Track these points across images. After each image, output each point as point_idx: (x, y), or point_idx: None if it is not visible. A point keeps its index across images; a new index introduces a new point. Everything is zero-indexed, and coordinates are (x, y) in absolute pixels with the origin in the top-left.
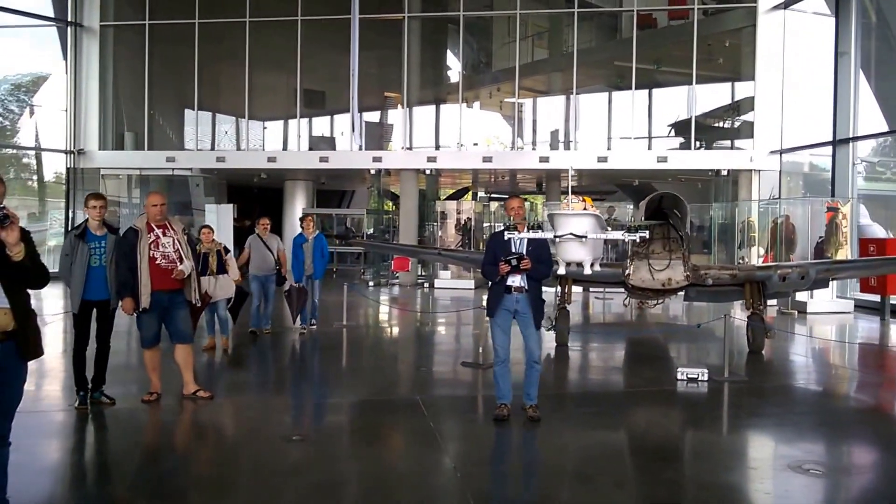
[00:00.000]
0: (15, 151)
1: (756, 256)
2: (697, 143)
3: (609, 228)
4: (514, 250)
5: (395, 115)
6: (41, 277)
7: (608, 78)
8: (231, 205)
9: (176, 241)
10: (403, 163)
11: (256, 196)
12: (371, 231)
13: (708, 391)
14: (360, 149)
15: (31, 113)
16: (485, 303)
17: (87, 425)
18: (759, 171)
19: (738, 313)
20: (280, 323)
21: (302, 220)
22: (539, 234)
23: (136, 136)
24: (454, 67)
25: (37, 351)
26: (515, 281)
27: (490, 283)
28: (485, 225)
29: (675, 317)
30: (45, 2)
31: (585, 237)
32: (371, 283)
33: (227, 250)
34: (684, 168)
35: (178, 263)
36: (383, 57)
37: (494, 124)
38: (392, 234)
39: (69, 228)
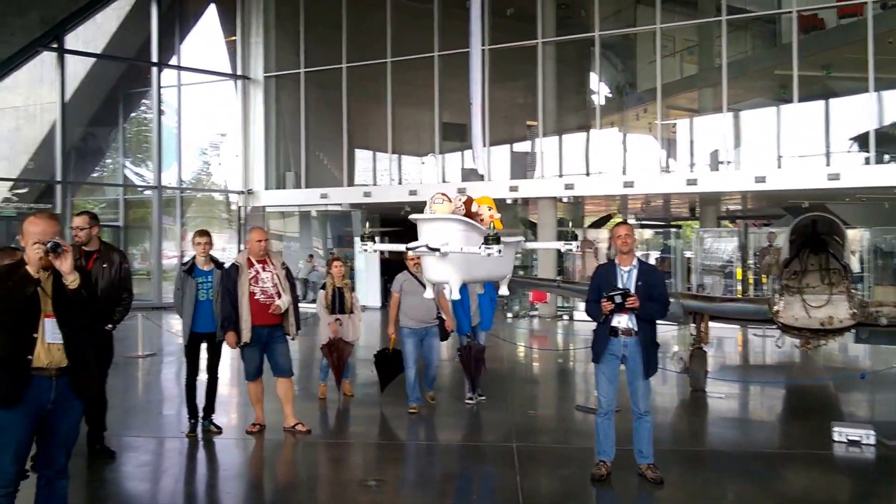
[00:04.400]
0: (209, 194)
1: None
2: (881, 157)
3: (523, 240)
4: (619, 285)
5: (533, 144)
6: (95, 312)
7: (770, 90)
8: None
9: (275, 276)
10: (540, 191)
11: (407, 228)
12: (516, 262)
13: (875, 458)
14: (484, 178)
15: (219, 159)
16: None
17: (193, 452)
18: None
19: None
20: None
21: None
22: (482, 249)
23: (296, 175)
24: (594, 90)
25: (91, 387)
26: (622, 322)
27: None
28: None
29: (844, 361)
30: (225, 59)
31: (439, 250)
32: (510, 315)
33: (351, 289)
34: (861, 186)
35: (276, 298)
36: (521, 85)
37: (639, 147)
38: (530, 264)
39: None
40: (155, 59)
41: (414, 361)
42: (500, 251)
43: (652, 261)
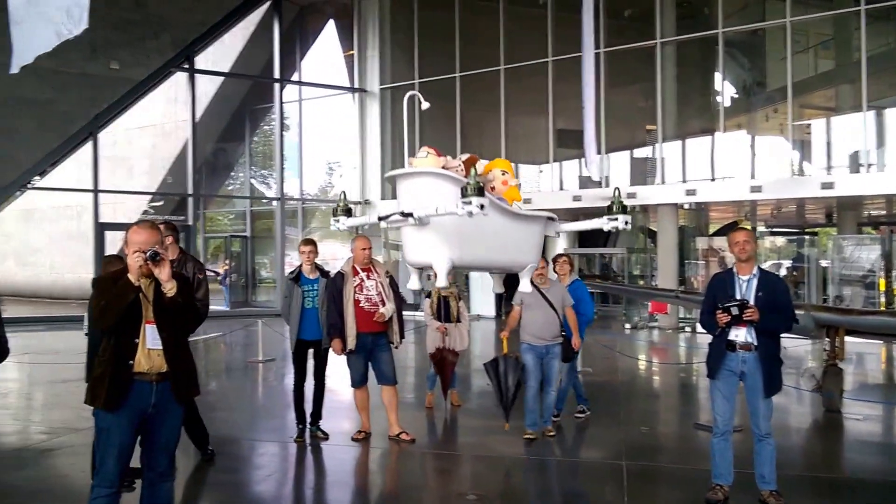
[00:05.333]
0: (330, 204)
1: None
2: None
3: (554, 218)
4: (737, 295)
5: (653, 148)
6: (196, 317)
7: None
8: None
9: (379, 284)
10: (659, 197)
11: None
12: (635, 271)
13: None
14: (600, 185)
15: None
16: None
17: (300, 457)
18: None
19: None
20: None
21: (554, 261)
22: (459, 207)
23: None
24: (718, 91)
25: (190, 392)
26: (739, 335)
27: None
28: (765, 266)
29: None
30: (343, 74)
31: (411, 215)
32: (628, 327)
33: (458, 297)
34: None
35: (380, 306)
36: (640, 88)
37: (769, 150)
38: (650, 273)
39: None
40: (277, 75)
41: (535, 380)
42: (482, 207)
43: (783, 270)
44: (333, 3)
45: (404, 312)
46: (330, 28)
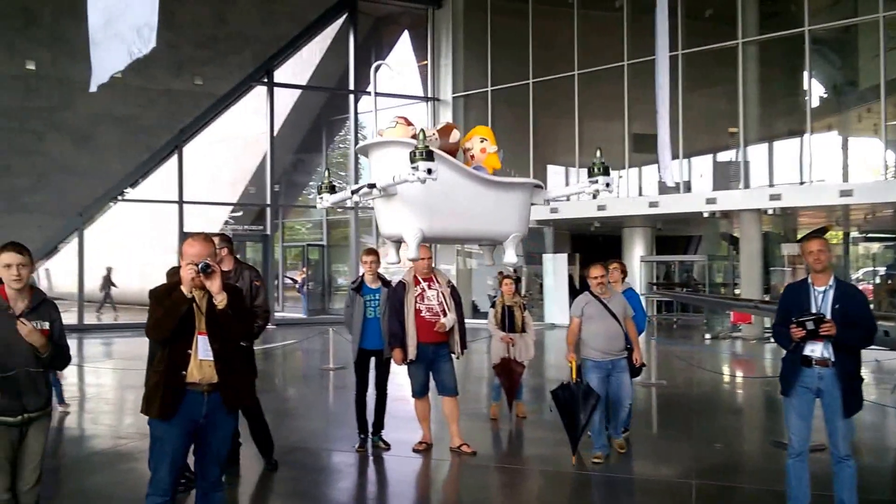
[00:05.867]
0: None
1: None
2: None
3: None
4: (812, 308)
5: (736, 152)
6: (246, 328)
7: None
8: (565, 254)
9: (440, 294)
10: (741, 203)
11: (601, 244)
12: (718, 279)
13: None
14: (678, 190)
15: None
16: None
17: (362, 467)
18: None
19: None
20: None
21: (605, 268)
22: (410, 173)
23: None
24: (805, 91)
25: (242, 402)
26: (815, 350)
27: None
28: (858, 273)
29: None
30: (417, 83)
31: (374, 186)
32: (709, 337)
33: (524, 307)
34: None
35: (441, 316)
36: (723, 90)
37: (861, 152)
38: (733, 282)
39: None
40: (352, 86)
41: (602, 399)
42: (430, 171)
43: (877, 279)
44: (408, 13)
45: (472, 320)
46: (404, 39)
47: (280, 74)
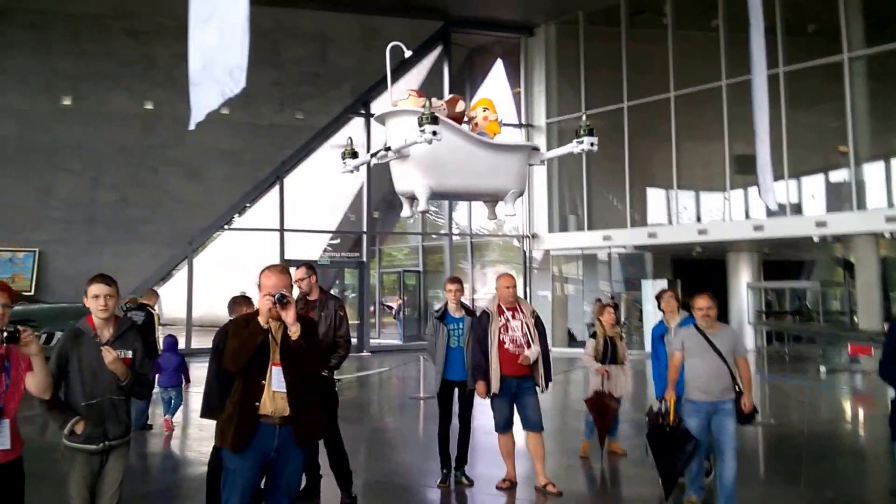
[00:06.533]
0: (499, 239)
1: None
2: None
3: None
4: None
5: (847, 172)
6: (318, 363)
7: None
8: (665, 280)
9: (524, 325)
10: (855, 226)
11: (704, 269)
12: (833, 307)
13: None
14: (785, 213)
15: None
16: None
17: None
18: None
19: None
20: None
21: (659, 297)
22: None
23: (577, 218)
24: None
25: (314, 436)
26: None
27: None
28: None
29: None
30: (511, 110)
31: (389, 149)
32: (824, 370)
33: (620, 337)
34: None
35: (525, 348)
36: (831, 108)
37: None
38: (850, 310)
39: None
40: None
41: (702, 443)
42: (435, 133)
43: None
44: (501, 43)
45: (567, 349)
46: (498, 67)
47: (377, 106)
